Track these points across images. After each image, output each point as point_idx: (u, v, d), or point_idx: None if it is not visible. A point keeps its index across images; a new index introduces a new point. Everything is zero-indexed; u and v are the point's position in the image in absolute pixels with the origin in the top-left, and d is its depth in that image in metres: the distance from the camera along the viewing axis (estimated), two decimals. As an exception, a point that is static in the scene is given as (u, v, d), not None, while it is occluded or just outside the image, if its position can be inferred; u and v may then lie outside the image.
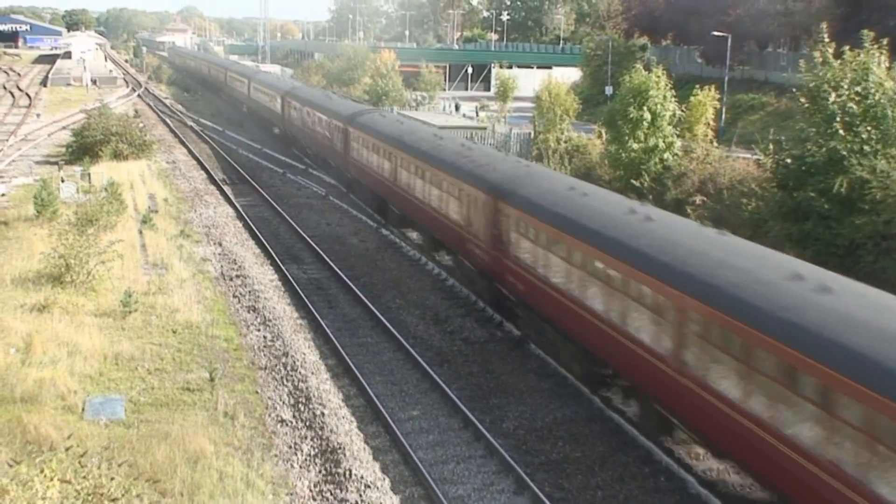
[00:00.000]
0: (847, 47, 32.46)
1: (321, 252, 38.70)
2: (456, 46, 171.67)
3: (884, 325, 15.65)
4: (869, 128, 30.99)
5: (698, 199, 38.80)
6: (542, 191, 27.79)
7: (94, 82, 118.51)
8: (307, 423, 22.21)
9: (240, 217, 45.44)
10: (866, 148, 30.60)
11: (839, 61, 32.17)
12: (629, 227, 22.97)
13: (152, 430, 20.30)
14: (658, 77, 44.79)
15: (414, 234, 42.08)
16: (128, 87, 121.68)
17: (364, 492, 18.98)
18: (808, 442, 15.90)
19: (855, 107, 31.09)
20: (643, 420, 22.59)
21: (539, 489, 19.58)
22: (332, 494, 18.95)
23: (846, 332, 15.66)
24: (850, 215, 29.75)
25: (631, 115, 43.90)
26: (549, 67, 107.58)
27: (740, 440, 17.81)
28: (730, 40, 66.54)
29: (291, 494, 18.71)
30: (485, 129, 66.40)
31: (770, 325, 16.88)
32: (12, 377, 21.93)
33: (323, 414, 22.64)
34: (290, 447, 21.06)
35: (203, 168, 59.61)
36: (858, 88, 31.37)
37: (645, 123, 43.84)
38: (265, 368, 25.64)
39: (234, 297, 32.35)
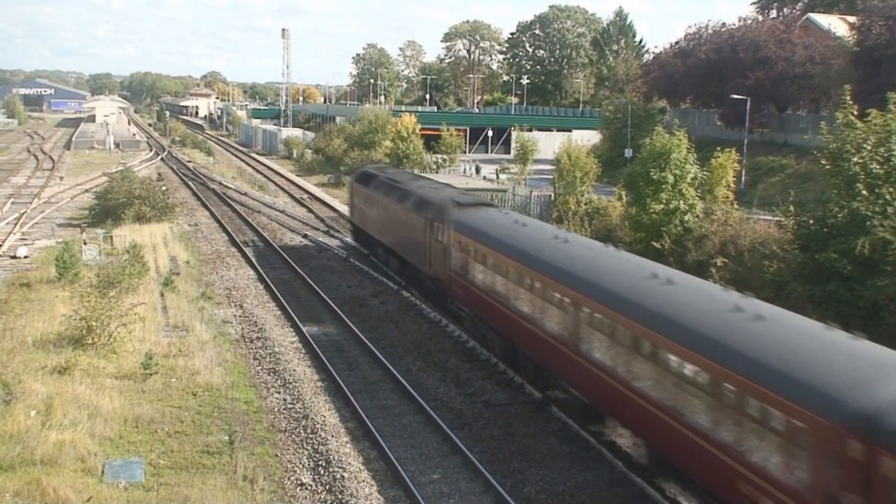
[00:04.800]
0: (873, 110, 32.46)
1: (341, 314, 38.67)
2: (476, 110, 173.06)
3: None
4: (892, 189, 30.86)
5: (719, 260, 38.62)
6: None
7: (117, 146, 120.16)
8: (327, 487, 22.04)
9: (261, 279, 45.56)
10: (889, 209, 30.44)
11: (863, 123, 32.14)
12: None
13: (171, 493, 20.22)
14: (680, 139, 44.85)
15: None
16: (151, 150, 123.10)
17: (384, 557, 18.78)
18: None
19: (878, 168, 31.00)
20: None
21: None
22: (351, 560, 18.74)
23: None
24: (872, 277, 29.50)
25: (653, 177, 43.88)
26: (569, 130, 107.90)
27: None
28: (749, 103, 66.74)
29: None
30: (505, 191, 66.57)
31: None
32: (32, 439, 21.95)
33: (343, 477, 22.47)
34: (310, 511, 20.88)
35: (225, 230, 59.94)
36: (882, 150, 31.30)
37: (668, 186, 43.79)
38: (285, 431, 25.54)
39: (255, 359, 32.34)
